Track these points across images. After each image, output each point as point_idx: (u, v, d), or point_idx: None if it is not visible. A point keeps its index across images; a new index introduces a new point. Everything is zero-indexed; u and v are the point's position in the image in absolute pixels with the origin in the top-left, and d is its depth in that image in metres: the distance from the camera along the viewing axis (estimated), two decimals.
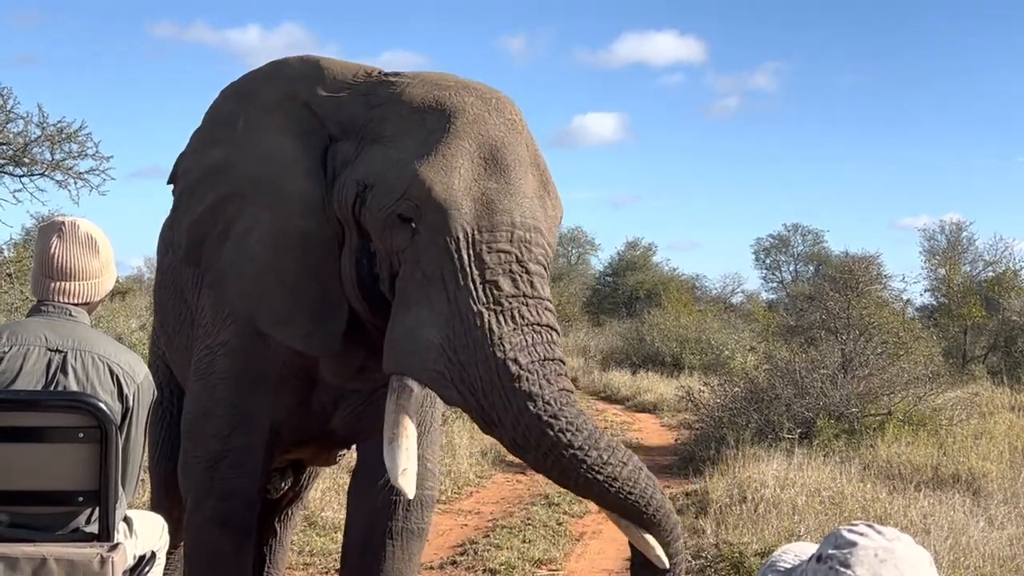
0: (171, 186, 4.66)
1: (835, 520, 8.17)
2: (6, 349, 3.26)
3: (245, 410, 4.43)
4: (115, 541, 3.26)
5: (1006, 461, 11.69)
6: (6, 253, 10.88)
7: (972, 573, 6.91)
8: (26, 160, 10.26)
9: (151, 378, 3.50)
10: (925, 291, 33.11)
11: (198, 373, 4.53)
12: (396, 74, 4.20)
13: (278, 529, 5.80)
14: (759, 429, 12.50)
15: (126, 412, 3.34)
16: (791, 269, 51.50)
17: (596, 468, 3.67)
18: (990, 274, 32.64)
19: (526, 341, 3.73)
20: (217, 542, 4.42)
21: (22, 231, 15.46)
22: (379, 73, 4.24)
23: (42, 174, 10.34)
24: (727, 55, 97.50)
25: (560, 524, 9.04)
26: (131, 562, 3.46)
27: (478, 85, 4.15)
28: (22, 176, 10.33)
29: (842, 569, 1.57)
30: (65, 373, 3.26)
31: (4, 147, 10.25)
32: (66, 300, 3.40)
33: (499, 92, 4.16)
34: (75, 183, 10.26)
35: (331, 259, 4.11)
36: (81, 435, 3.19)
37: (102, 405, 3.18)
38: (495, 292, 3.76)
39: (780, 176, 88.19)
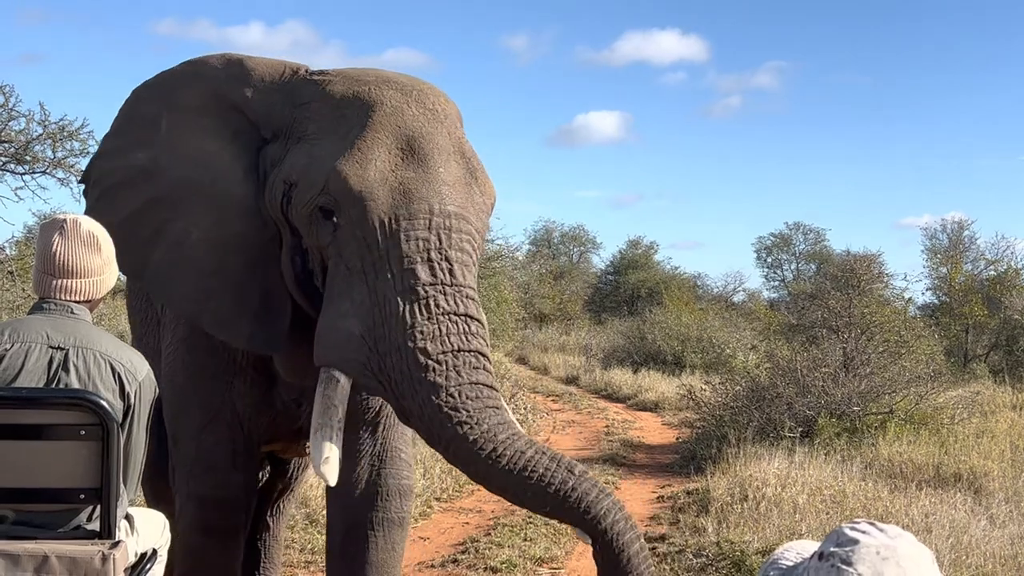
0: (83, 187, 4.67)
1: (836, 519, 8.17)
2: (8, 347, 3.25)
3: (210, 406, 4.48)
4: (117, 539, 3.26)
5: (1007, 460, 11.68)
6: (8, 251, 10.88)
7: (973, 572, 6.91)
8: (28, 158, 10.27)
9: (152, 376, 3.49)
10: (927, 290, 33.16)
11: (167, 374, 4.57)
12: (320, 72, 4.25)
13: (271, 524, 5.81)
14: (760, 428, 12.49)
15: (128, 410, 3.34)
16: (793, 268, 51.49)
17: (491, 460, 3.70)
18: (992, 273, 32.60)
19: (438, 330, 3.76)
20: (202, 547, 4.43)
21: (24, 229, 15.48)
22: (304, 71, 4.28)
23: (44, 172, 10.35)
24: (729, 54, 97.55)
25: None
26: (132, 560, 3.46)
27: (401, 78, 4.19)
28: (24, 174, 10.34)
29: (844, 567, 1.57)
30: (67, 371, 3.26)
31: (6, 145, 10.25)
32: (68, 298, 3.39)
33: (424, 84, 4.21)
34: (77, 181, 10.26)
35: (272, 260, 4.17)
36: (83, 433, 3.19)
37: (104, 403, 3.18)
38: (412, 281, 3.79)
39: (782, 175, 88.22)
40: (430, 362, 3.71)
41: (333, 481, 3.83)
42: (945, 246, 34.87)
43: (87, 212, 4.52)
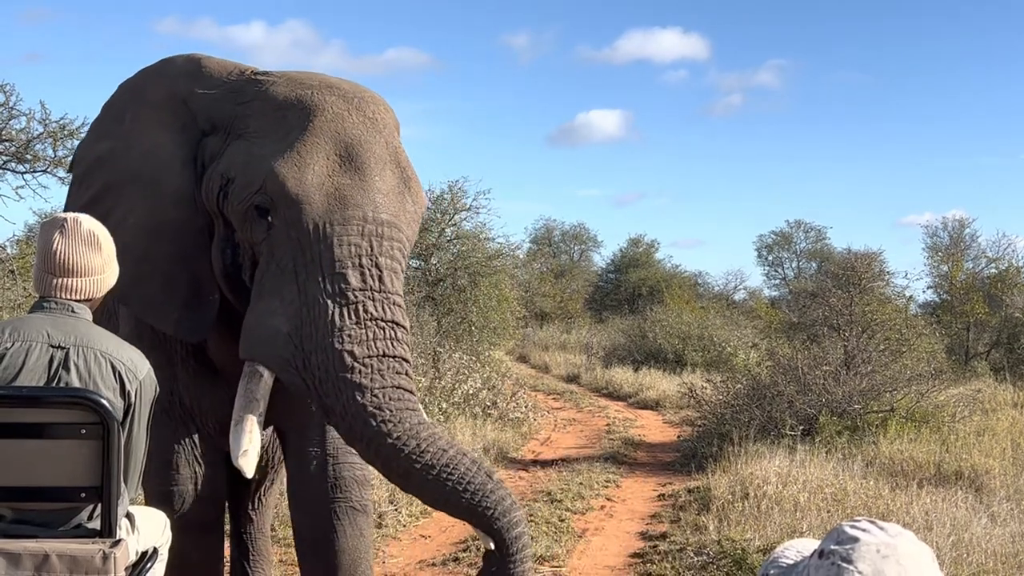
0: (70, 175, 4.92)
1: (837, 517, 8.17)
2: (8, 345, 3.26)
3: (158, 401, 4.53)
4: (117, 537, 3.26)
5: (1008, 458, 11.68)
6: (9, 250, 10.88)
7: (974, 569, 6.90)
8: (29, 157, 10.26)
9: (153, 374, 3.50)
10: (928, 288, 33.09)
11: None
12: (266, 73, 4.37)
13: (254, 517, 5.82)
14: (761, 426, 12.49)
15: (128, 408, 3.34)
16: (794, 266, 51.46)
17: (413, 458, 3.81)
18: (993, 271, 32.54)
19: (366, 335, 3.90)
20: (178, 544, 4.44)
21: (25, 228, 15.47)
22: (251, 72, 4.40)
23: (44, 171, 10.35)
24: (730, 53, 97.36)
25: (562, 521, 9.04)
26: (133, 558, 3.46)
27: (344, 84, 4.30)
28: (25, 173, 10.34)
29: (844, 565, 1.57)
30: (67, 369, 3.26)
31: (7, 144, 10.25)
32: (68, 296, 3.40)
33: (366, 92, 4.33)
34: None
35: (203, 249, 4.30)
36: (83, 431, 3.19)
37: (104, 401, 3.18)
38: (342, 285, 3.92)
39: (783, 173, 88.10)
40: (356, 364, 3.86)
41: (250, 473, 3.99)
42: (946, 244, 34.84)
43: (67, 197, 4.82)
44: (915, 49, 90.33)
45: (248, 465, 3.94)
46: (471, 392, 14.90)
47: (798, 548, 1.84)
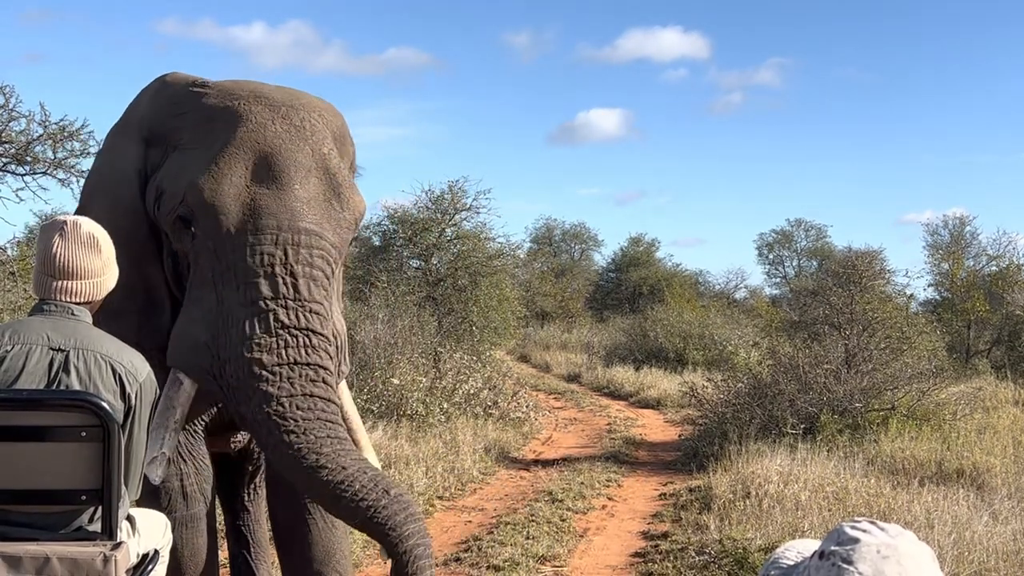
0: None
1: (839, 516, 8.17)
2: (8, 348, 3.26)
3: None
4: (118, 540, 3.26)
5: (1010, 456, 11.68)
6: (9, 252, 10.87)
7: (976, 568, 6.90)
8: (28, 159, 10.25)
9: (153, 377, 3.50)
10: (928, 286, 33.07)
11: None
12: (203, 84, 4.45)
13: (251, 508, 5.83)
14: (762, 425, 12.49)
15: (128, 411, 3.34)
16: (794, 264, 51.46)
17: (310, 471, 3.82)
18: (994, 268, 32.53)
19: (276, 344, 3.92)
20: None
21: (25, 230, 15.48)
22: (195, 83, 4.48)
23: (44, 172, 10.33)
24: (731, 51, 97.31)
25: (564, 520, 9.04)
26: (134, 560, 3.47)
27: (276, 92, 4.35)
28: (24, 175, 10.32)
29: (845, 566, 1.57)
30: (67, 372, 3.26)
31: (6, 146, 10.24)
32: (68, 299, 3.40)
33: (301, 99, 4.39)
34: (77, 181, 10.25)
35: (153, 257, 4.40)
36: (84, 434, 3.19)
37: (105, 404, 3.18)
38: (254, 294, 3.98)
39: (784, 171, 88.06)
40: (264, 372, 3.89)
41: (156, 479, 4.06)
42: (947, 242, 34.80)
43: None
44: (915, 47, 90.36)
45: (155, 472, 4.02)
46: (472, 392, 14.90)
47: (799, 549, 1.84)
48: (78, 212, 4.53)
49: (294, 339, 3.95)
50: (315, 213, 4.11)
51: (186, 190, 4.11)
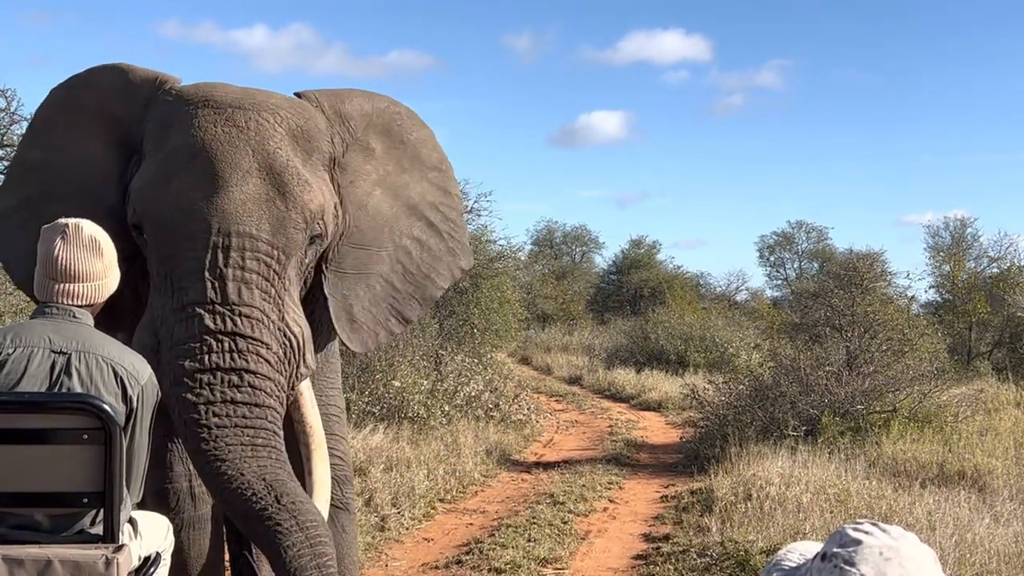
0: None
1: (840, 518, 8.17)
2: (10, 351, 3.26)
3: None
4: (120, 542, 3.26)
5: (1011, 457, 11.68)
6: None
7: (978, 570, 6.90)
8: None
9: (155, 379, 3.50)
10: (930, 288, 33.10)
11: None
12: (169, 89, 4.43)
13: None
14: (764, 427, 12.49)
15: (130, 414, 3.34)
16: (795, 266, 51.41)
17: (216, 474, 3.76)
18: (995, 270, 32.56)
19: (199, 349, 3.88)
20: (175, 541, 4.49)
21: None
22: (163, 86, 4.47)
23: None
24: (732, 53, 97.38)
25: (565, 523, 9.03)
26: (136, 563, 3.47)
27: (226, 95, 4.30)
28: None
29: (847, 567, 1.57)
30: (69, 375, 3.26)
31: (8, 149, 10.26)
32: (70, 302, 3.40)
33: (252, 99, 4.33)
34: None
35: (134, 261, 4.31)
36: (85, 437, 3.19)
37: (106, 407, 3.18)
38: (182, 299, 3.96)
39: (785, 173, 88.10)
40: (185, 379, 3.85)
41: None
42: (948, 244, 34.84)
43: None
44: (917, 48, 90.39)
45: None
46: (473, 394, 14.90)
47: (801, 551, 1.84)
48: (21, 206, 4.55)
49: (219, 344, 3.88)
50: (251, 215, 4.05)
51: (135, 199, 4.16)
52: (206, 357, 3.86)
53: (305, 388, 4.29)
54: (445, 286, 5.27)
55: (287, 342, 4.08)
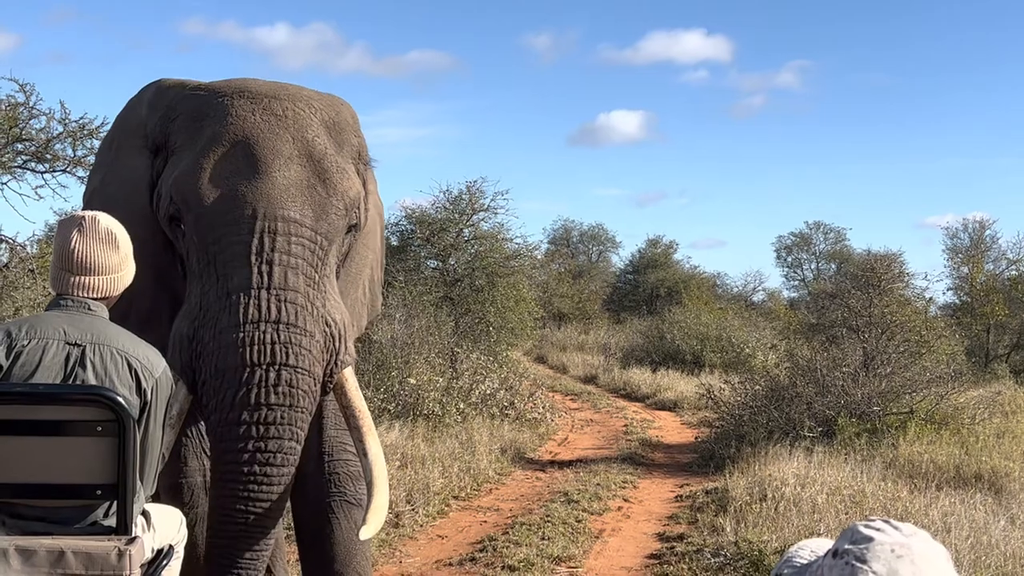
0: None
1: (855, 519, 8.13)
2: (25, 343, 3.27)
3: None
4: (133, 534, 3.27)
5: None
6: (29, 249, 10.91)
7: (993, 572, 6.87)
8: (48, 156, 10.29)
9: (169, 372, 3.51)
10: (948, 290, 32.95)
11: None
12: (196, 87, 4.45)
13: None
14: (780, 427, 12.46)
15: (144, 406, 3.35)
16: (813, 267, 51.26)
17: (248, 491, 3.84)
18: (1013, 272, 32.42)
19: (240, 339, 3.86)
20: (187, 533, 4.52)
21: (45, 227, 15.52)
22: (189, 87, 4.48)
23: (64, 170, 10.36)
24: (753, 54, 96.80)
25: (579, 521, 9.03)
26: (149, 555, 3.48)
27: (260, 86, 4.34)
28: (44, 172, 10.37)
29: (858, 564, 1.56)
30: (83, 367, 3.27)
31: (27, 143, 10.28)
32: (85, 294, 3.41)
33: (287, 90, 4.37)
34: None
35: (172, 264, 4.36)
36: (99, 429, 3.20)
37: (120, 399, 3.18)
38: (229, 284, 3.94)
39: (804, 174, 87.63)
40: (227, 370, 3.85)
41: None
42: (966, 246, 34.69)
43: None
44: (938, 49, 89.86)
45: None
46: (488, 392, 14.91)
47: (812, 548, 1.83)
48: None
49: (262, 335, 3.87)
50: (295, 200, 4.05)
51: (172, 190, 4.13)
52: (250, 349, 3.85)
53: (349, 374, 4.29)
54: (372, 317, 5.34)
55: (327, 329, 4.08)
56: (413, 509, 8.96)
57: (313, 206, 4.10)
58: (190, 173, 4.09)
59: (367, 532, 4.01)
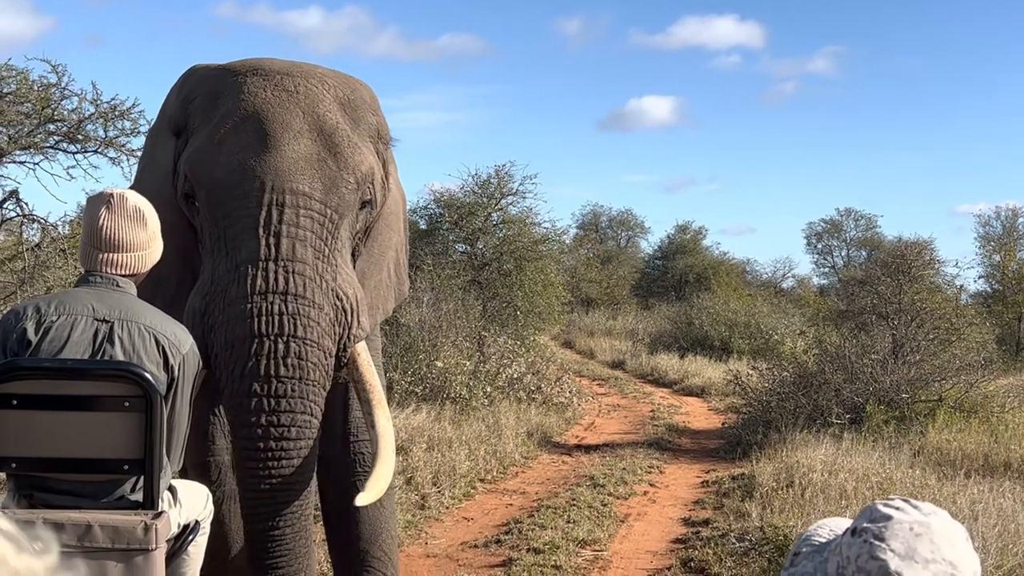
0: None
1: None
2: (54, 318, 3.30)
3: None
4: (159, 509, 3.30)
5: None
6: (61, 229, 10.98)
7: (1021, 559, 6.81)
8: (80, 137, 10.33)
9: (196, 349, 3.53)
10: (979, 278, 32.73)
11: None
12: (212, 68, 4.47)
13: None
14: (808, 414, 12.42)
15: (171, 382, 3.38)
16: (843, 254, 50.99)
17: (267, 468, 3.83)
18: None
19: (248, 311, 3.85)
20: (215, 511, 4.54)
21: (76, 208, 15.65)
22: (210, 68, 4.49)
23: (96, 151, 10.40)
24: (785, 39, 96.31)
25: (605, 505, 9.04)
26: (175, 531, 3.51)
27: (274, 64, 4.35)
28: (76, 153, 10.42)
29: (876, 543, 1.56)
30: (112, 343, 3.30)
31: (59, 124, 10.34)
32: (113, 271, 3.44)
33: (300, 68, 4.38)
34: (128, 160, 10.33)
35: (196, 248, 4.34)
36: (127, 404, 3.23)
37: (148, 375, 3.21)
38: (237, 257, 3.93)
39: (837, 161, 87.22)
40: (235, 341, 3.84)
41: None
42: (999, 233, 34.42)
43: None
44: (973, 36, 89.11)
45: None
46: (515, 376, 14.92)
47: (831, 526, 1.83)
48: None
49: (270, 306, 3.87)
50: (304, 173, 4.06)
51: (186, 167, 4.17)
52: (260, 319, 3.84)
53: (362, 348, 4.28)
54: (399, 300, 5.32)
55: (339, 303, 4.07)
56: (439, 491, 9.00)
57: (323, 179, 4.10)
58: (201, 150, 4.13)
59: (363, 499, 3.98)
